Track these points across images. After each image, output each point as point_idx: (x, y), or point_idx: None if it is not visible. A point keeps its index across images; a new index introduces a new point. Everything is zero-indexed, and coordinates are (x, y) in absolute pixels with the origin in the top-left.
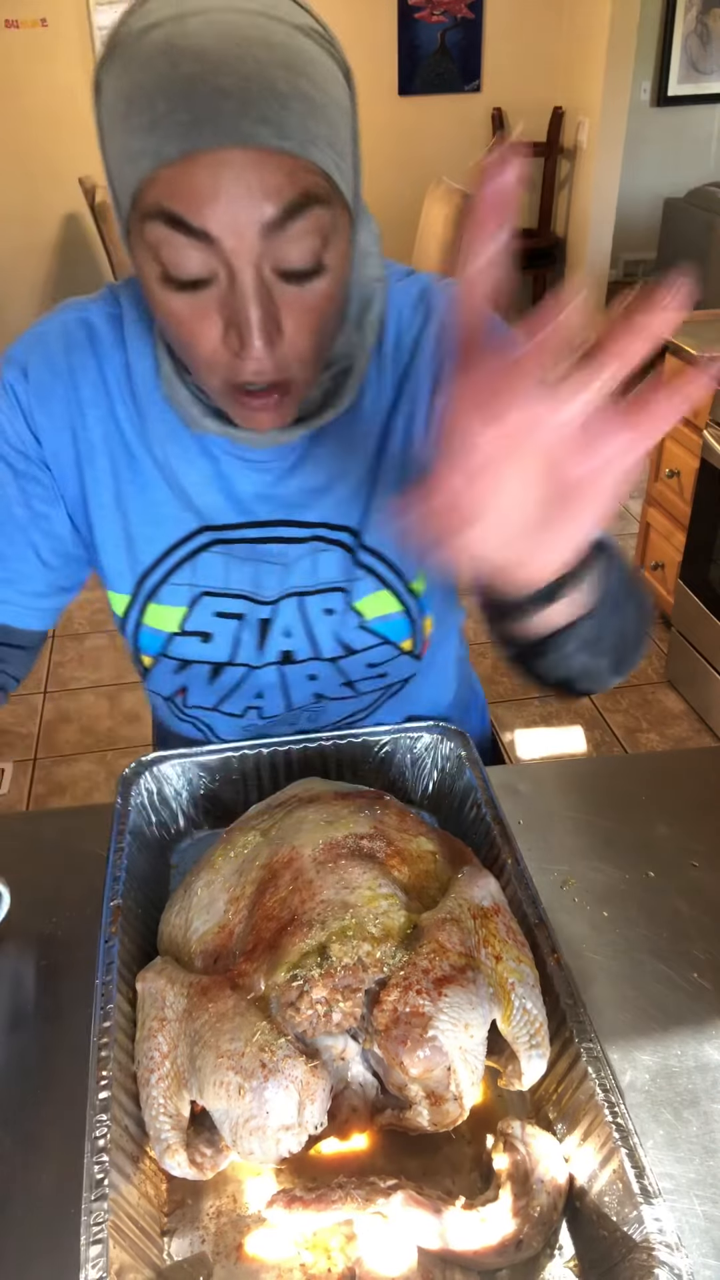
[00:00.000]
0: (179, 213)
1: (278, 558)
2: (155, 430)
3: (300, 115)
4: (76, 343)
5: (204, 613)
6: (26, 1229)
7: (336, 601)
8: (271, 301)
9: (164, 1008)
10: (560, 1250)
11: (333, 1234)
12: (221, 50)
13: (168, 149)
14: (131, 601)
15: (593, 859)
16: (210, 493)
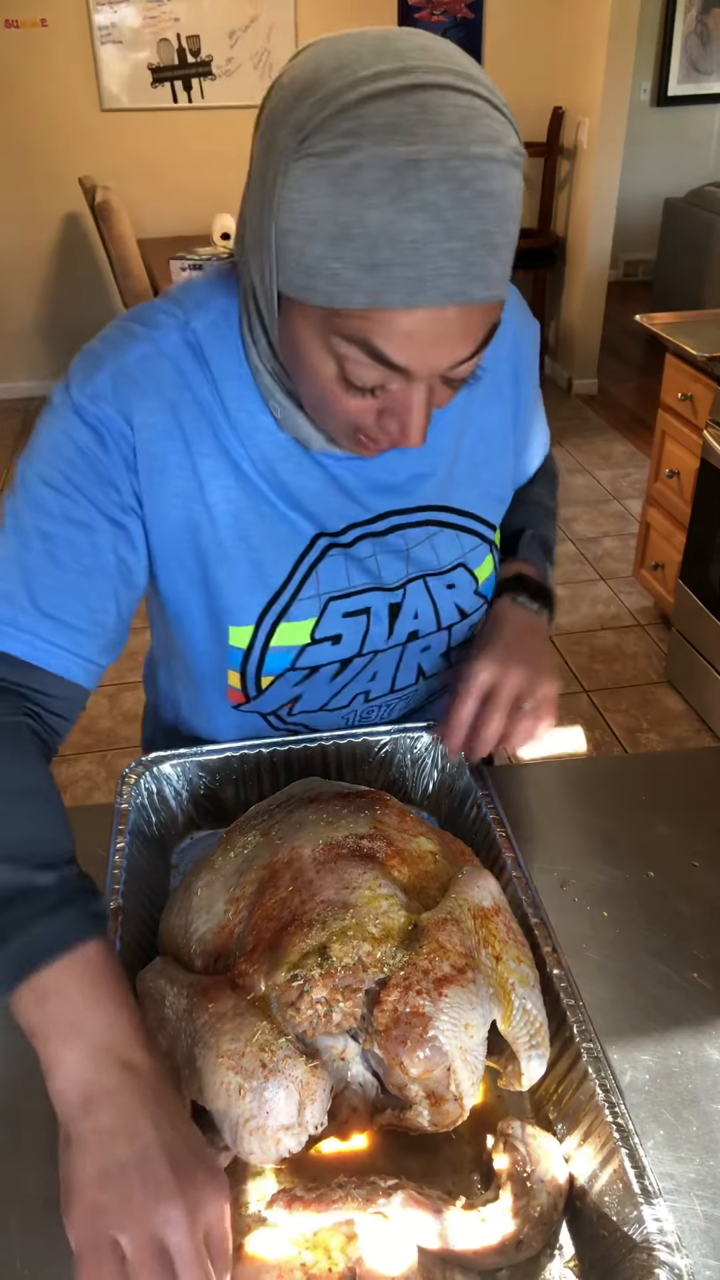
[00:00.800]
0: (385, 351)
1: (398, 546)
2: (263, 450)
3: (504, 262)
4: (166, 377)
5: (333, 617)
6: (26, 1229)
7: (459, 576)
8: (433, 402)
9: (164, 1008)
10: (560, 1250)
11: (333, 1234)
12: (454, 211)
13: (389, 298)
14: (256, 630)
15: (593, 859)
16: (325, 500)
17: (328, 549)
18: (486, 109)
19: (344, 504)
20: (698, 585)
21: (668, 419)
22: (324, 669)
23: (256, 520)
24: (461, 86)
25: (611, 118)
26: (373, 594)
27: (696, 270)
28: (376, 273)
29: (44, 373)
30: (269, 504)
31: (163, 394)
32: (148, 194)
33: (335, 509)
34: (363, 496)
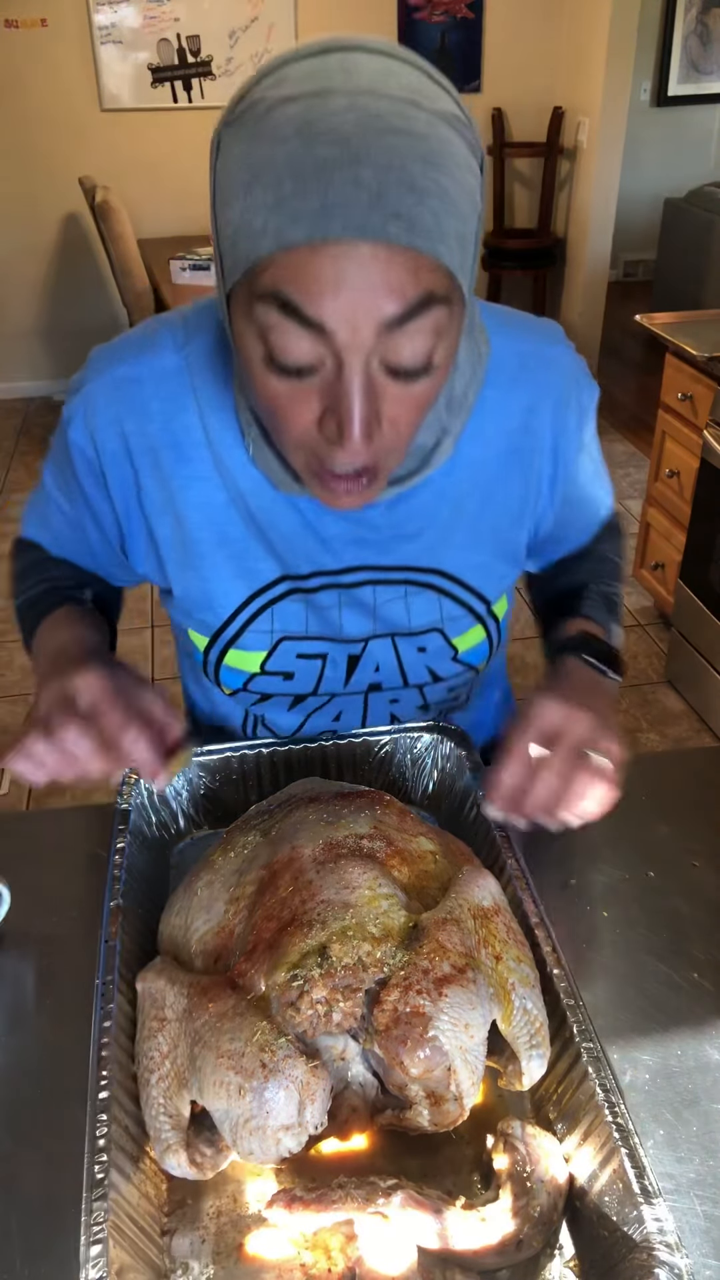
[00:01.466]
0: (295, 300)
1: (366, 600)
2: (239, 484)
3: (434, 212)
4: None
5: (286, 655)
6: (26, 1229)
7: (432, 640)
8: (375, 396)
9: (164, 1008)
10: (560, 1250)
11: (333, 1234)
12: (362, 138)
13: (292, 233)
14: (210, 645)
15: (593, 859)
16: (294, 542)
17: (289, 592)
18: (420, 76)
19: (314, 549)
20: (698, 585)
21: (668, 419)
22: (278, 698)
23: (221, 544)
24: (399, 56)
25: (611, 118)
26: (330, 643)
27: (696, 270)
28: (282, 208)
29: (44, 373)
30: (239, 533)
31: (135, 416)
32: (148, 194)
33: (304, 553)
34: (336, 545)
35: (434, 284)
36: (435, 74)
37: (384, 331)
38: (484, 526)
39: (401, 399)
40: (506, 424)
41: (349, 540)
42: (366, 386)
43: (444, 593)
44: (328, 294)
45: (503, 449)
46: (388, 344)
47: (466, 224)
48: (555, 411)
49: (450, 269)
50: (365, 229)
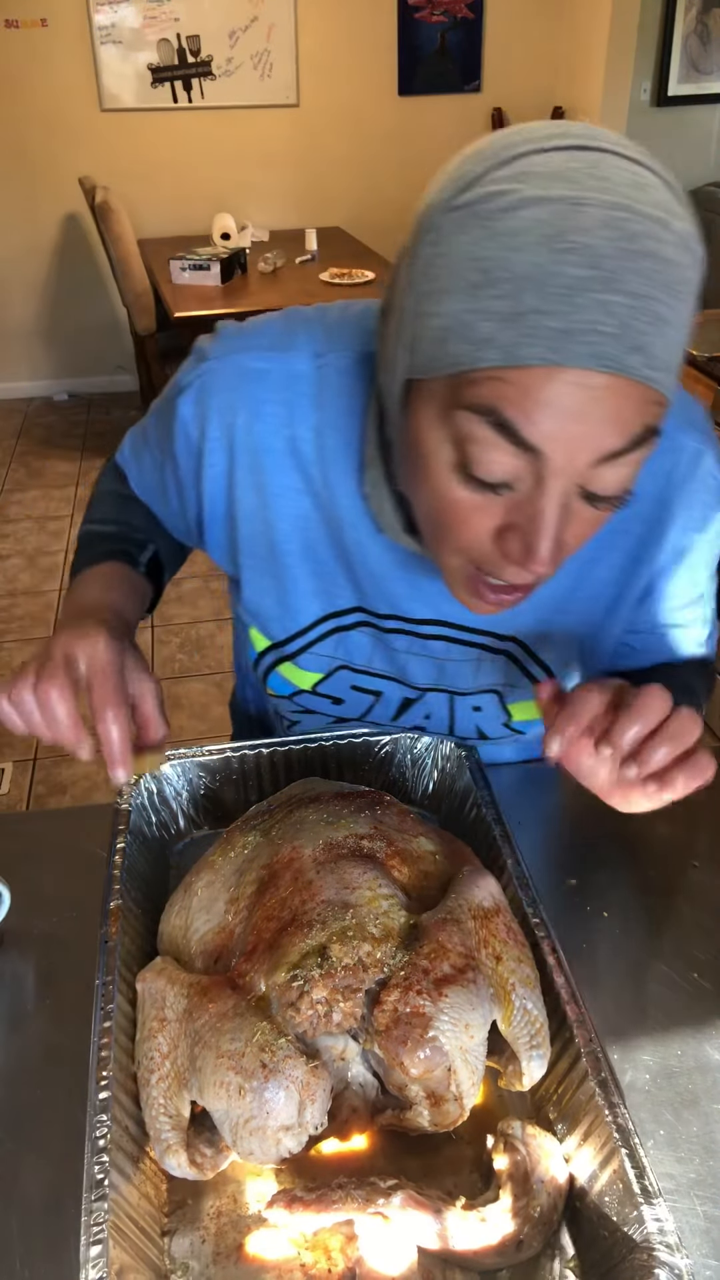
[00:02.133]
0: (515, 422)
1: (437, 654)
2: (339, 511)
3: (669, 344)
4: (291, 400)
5: (340, 683)
6: (26, 1229)
7: (488, 701)
8: (568, 521)
9: (164, 1008)
10: (560, 1250)
11: (333, 1234)
12: (616, 260)
13: (527, 353)
14: (269, 649)
15: (592, 859)
16: (379, 583)
17: (362, 623)
18: (667, 191)
19: (399, 595)
20: None
21: None
22: (321, 715)
23: (301, 560)
24: (646, 164)
25: (611, 118)
26: (389, 683)
27: None
28: (518, 323)
29: (44, 373)
30: (321, 555)
31: (249, 412)
32: (148, 194)
33: (386, 596)
34: (420, 598)
35: (653, 417)
36: (676, 186)
37: (601, 462)
38: (577, 606)
39: (588, 521)
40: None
41: (437, 594)
42: (564, 513)
43: (514, 661)
44: (553, 421)
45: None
46: (595, 473)
47: (685, 346)
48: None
49: (668, 396)
50: (606, 360)
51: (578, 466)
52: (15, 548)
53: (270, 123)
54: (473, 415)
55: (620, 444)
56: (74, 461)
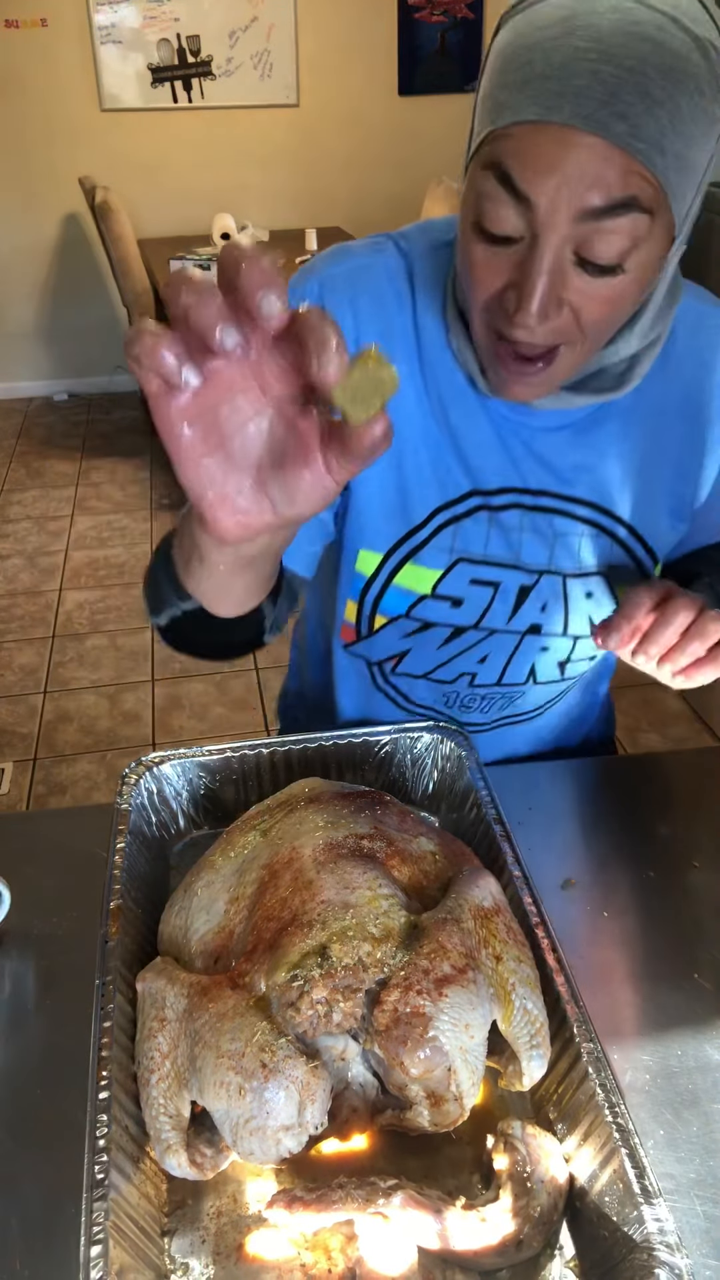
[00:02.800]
0: (512, 172)
1: (545, 529)
2: (440, 388)
3: (659, 124)
4: (393, 288)
5: (459, 579)
6: (26, 1229)
7: (598, 586)
8: (561, 280)
9: (164, 1008)
10: (560, 1250)
11: (333, 1234)
12: (614, 38)
13: (526, 110)
14: (385, 560)
15: (592, 859)
16: (487, 454)
17: (477, 508)
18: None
19: (505, 465)
20: None
21: None
22: (436, 629)
23: (416, 451)
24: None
25: None
26: (507, 570)
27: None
28: (525, 88)
29: (44, 373)
30: (432, 441)
31: (368, 298)
32: (148, 194)
33: (495, 467)
34: (525, 465)
35: (641, 191)
36: (713, 6)
37: (581, 220)
38: (660, 476)
39: (586, 292)
40: (684, 372)
41: (537, 461)
42: (554, 268)
43: (616, 539)
44: (540, 172)
45: (678, 399)
46: (583, 234)
47: (694, 149)
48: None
49: (662, 183)
50: (590, 120)
51: (562, 220)
52: (15, 548)
53: (270, 123)
54: (486, 172)
55: (601, 202)
56: (74, 461)
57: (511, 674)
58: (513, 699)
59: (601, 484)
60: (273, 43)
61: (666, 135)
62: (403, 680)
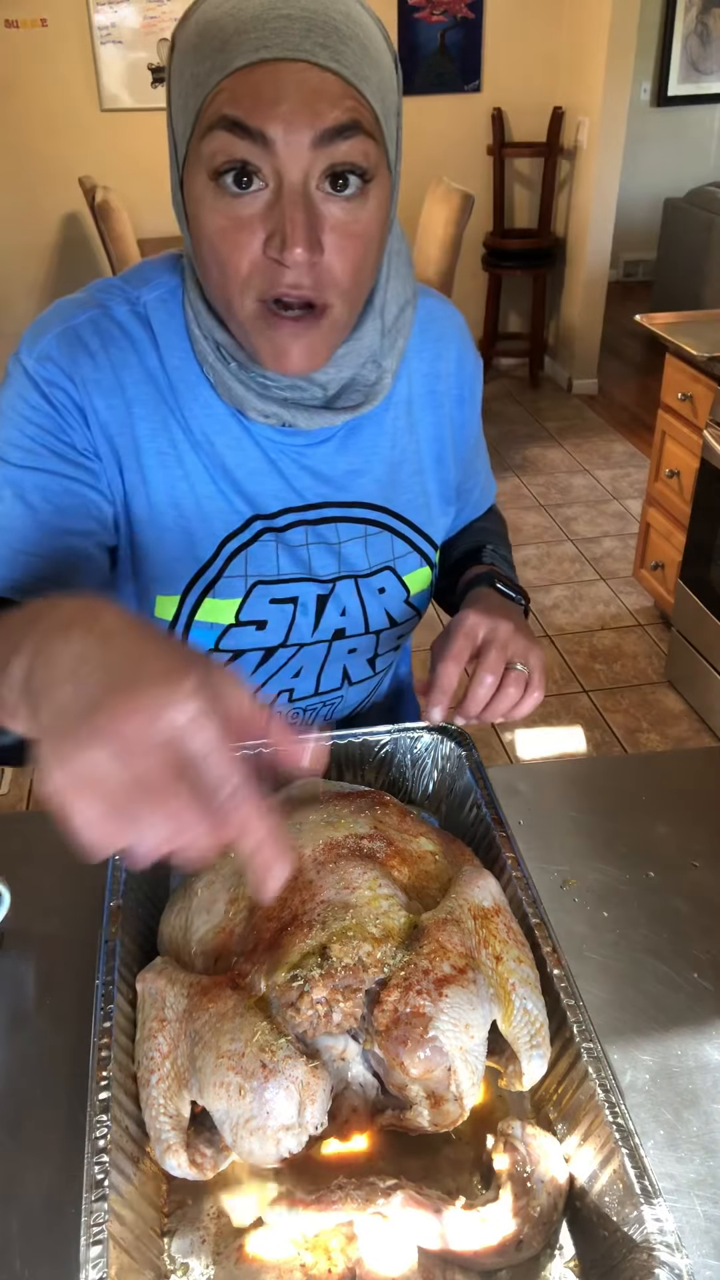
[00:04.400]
0: (239, 116)
1: (330, 538)
2: (201, 424)
3: (356, 54)
4: (113, 340)
5: (259, 601)
6: (26, 1229)
7: (388, 580)
8: (315, 212)
9: (164, 1008)
10: (560, 1250)
11: (333, 1235)
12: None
13: (236, 60)
14: (182, 600)
15: (593, 859)
16: (261, 479)
17: (261, 533)
18: None
19: (281, 487)
20: (698, 585)
21: (668, 419)
22: (248, 655)
23: (189, 490)
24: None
25: (611, 118)
26: (302, 584)
27: (696, 270)
28: (227, 46)
29: None
30: (205, 477)
31: (107, 353)
32: (148, 194)
33: (271, 491)
34: (299, 482)
35: (360, 115)
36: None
37: (318, 144)
38: (421, 465)
39: (341, 222)
40: (422, 366)
41: (310, 477)
42: (306, 197)
43: (395, 533)
44: (268, 104)
45: (423, 391)
46: (323, 160)
47: (388, 91)
48: (458, 363)
49: (375, 113)
50: (298, 50)
51: (302, 147)
52: None
53: None
54: (213, 133)
55: (332, 122)
56: None
57: (326, 681)
58: (334, 705)
59: (374, 484)
60: None
61: (363, 64)
62: None
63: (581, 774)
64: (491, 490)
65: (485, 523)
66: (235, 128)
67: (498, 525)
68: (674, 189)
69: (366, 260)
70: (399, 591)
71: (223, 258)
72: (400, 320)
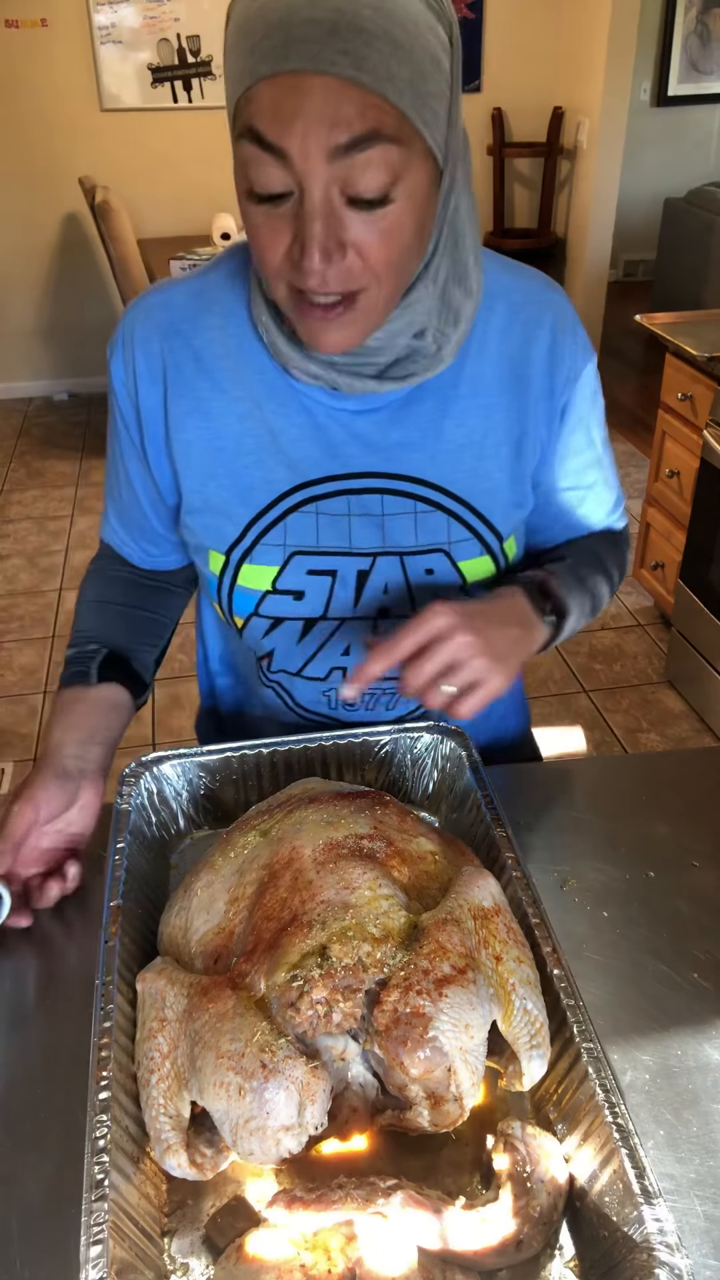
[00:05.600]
0: (262, 131)
1: (374, 510)
2: (254, 388)
3: (382, 54)
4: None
5: (296, 571)
6: (27, 1229)
7: (439, 562)
8: (336, 222)
9: (164, 1008)
10: (560, 1250)
11: (333, 1234)
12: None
13: (260, 69)
14: (226, 562)
15: (593, 859)
16: (307, 444)
17: (302, 503)
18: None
19: (325, 455)
20: (698, 585)
21: (668, 419)
22: (288, 624)
23: (235, 455)
24: None
25: (611, 118)
26: (340, 558)
27: (696, 270)
28: (254, 51)
29: (44, 373)
30: (252, 443)
31: (156, 341)
32: (148, 194)
33: (315, 458)
34: (346, 450)
35: (382, 122)
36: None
37: (335, 158)
38: (489, 449)
39: (364, 228)
40: (506, 348)
41: (358, 445)
42: (326, 212)
43: (452, 514)
44: (285, 121)
45: (503, 373)
46: (342, 172)
47: (426, 78)
48: (550, 353)
49: (403, 111)
50: (318, 61)
51: (318, 163)
52: (15, 548)
53: None
54: (242, 141)
55: (346, 138)
56: (74, 461)
57: None
58: (390, 690)
59: (428, 460)
60: None
61: (390, 64)
62: (283, 678)
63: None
64: (613, 512)
65: (595, 543)
66: (258, 140)
67: (607, 551)
68: (674, 189)
69: (400, 250)
70: (451, 576)
71: (259, 247)
72: (465, 296)
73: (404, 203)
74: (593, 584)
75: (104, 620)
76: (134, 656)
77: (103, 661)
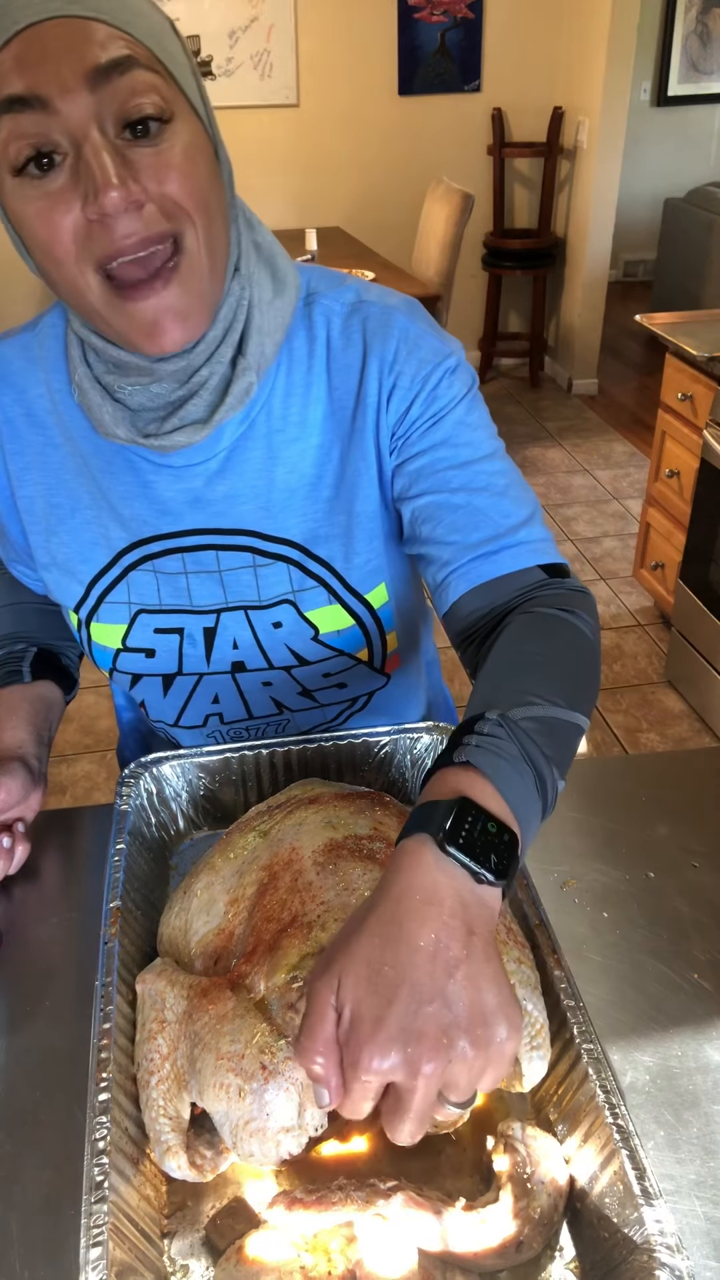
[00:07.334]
0: (13, 92)
1: (210, 566)
2: (80, 444)
3: (114, 4)
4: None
5: (143, 630)
6: (26, 1231)
7: (285, 614)
8: (120, 157)
9: (164, 1009)
10: (561, 1252)
11: (333, 1236)
12: None
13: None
14: (78, 620)
15: (593, 859)
16: (135, 503)
17: (138, 561)
18: None
19: (153, 513)
20: (698, 585)
21: (668, 419)
22: (147, 680)
23: (72, 512)
24: None
25: (611, 118)
26: (184, 615)
27: (696, 270)
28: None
29: None
30: (86, 501)
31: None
32: None
33: (144, 516)
34: (174, 507)
35: (135, 51)
36: None
37: (97, 84)
38: (324, 490)
39: (153, 159)
40: (338, 382)
41: (185, 501)
42: (106, 145)
43: (294, 563)
44: (31, 67)
45: (333, 408)
46: (110, 102)
47: (166, 36)
48: (386, 370)
49: (152, 51)
50: (45, 8)
51: (80, 97)
52: None
53: (270, 123)
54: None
55: (101, 59)
56: None
57: (258, 708)
58: (283, 725)
59: (261, 511)
60: (273, 43)
61: (125, 10)
62: (162, 727)
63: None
64: (534, 543)
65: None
66: (15, 104)
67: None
68: (674, 189)
69: (201, 181)
70: (301, 628)
71: (47, 241)
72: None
73: (185, 143)
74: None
75: (24, 620)
76: (62, 652)
77: (33, 660)
